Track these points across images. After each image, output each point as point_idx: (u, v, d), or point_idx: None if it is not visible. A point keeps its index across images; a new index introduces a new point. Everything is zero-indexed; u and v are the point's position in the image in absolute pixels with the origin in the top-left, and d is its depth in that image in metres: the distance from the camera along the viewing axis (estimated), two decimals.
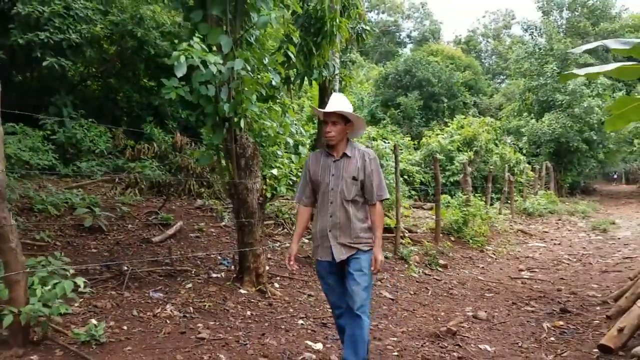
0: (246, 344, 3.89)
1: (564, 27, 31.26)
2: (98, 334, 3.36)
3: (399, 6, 56.10)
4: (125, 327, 3.77)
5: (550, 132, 22.53)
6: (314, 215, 3.45)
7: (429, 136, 20.00)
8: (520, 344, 4.50)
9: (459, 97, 27.72)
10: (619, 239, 11.72)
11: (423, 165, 18.46)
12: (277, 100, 5.38)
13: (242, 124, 4.66)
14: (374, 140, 16.02)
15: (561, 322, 5.11)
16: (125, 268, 5.07)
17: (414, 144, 20.28)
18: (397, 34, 56.54)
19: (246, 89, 4.61)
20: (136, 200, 7.99)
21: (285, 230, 7.98)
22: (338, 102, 3.30)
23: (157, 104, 11.79)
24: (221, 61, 4.23)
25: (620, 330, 3.98)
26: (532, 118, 24.34)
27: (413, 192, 16.56)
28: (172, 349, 3.53)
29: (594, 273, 8.09)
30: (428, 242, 9.12)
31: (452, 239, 10.07)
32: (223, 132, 4.79)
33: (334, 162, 3.33)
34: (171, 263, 5.38)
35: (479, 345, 4.44)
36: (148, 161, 9.34)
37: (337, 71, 8.81)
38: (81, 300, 4.03)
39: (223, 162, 5.18)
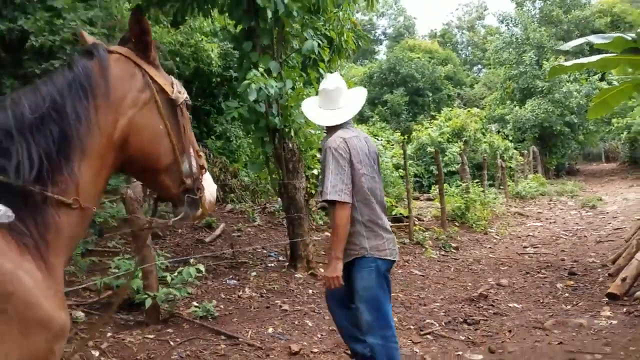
0: (320, 312, 4.73)
1: (537, 16, 32.47)
2: (211, 310, 4.15)
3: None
4: (222, 306, 4.57)
5: (534, 117, 23.62)
6: None
7: (419, 130, 20.91)
8: (541, 301, 5.40)
9: (443, 91, 28.79)
10: (607, 213, 12.71)
11: (415, 159, 19.30)
12: None
13: (291, 133, 5.47)
14: None
15: (571, 282, 6.02)
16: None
17: (404, 139, 21.19)
18: (373, 32, 57.59)
19: (292, 104, 5.42)
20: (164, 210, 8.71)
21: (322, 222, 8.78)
22: (344, 101, 2.94)
23: None
24: (276, 84, 5.03)
25: (624, 279, 4.89)
26: (515, 105, 25.43)
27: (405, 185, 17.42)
28: (266, 318, 4.35)
29: (590, 244, 9.02)
30: (437, 228, 9.97)
31: (457, 224, 10.92)
32: (275, 141, 5.59)
33: None
34: (233, 256, 6.16)
35: (508, 304, 5.32)
36: None
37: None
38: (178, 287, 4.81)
39: (272, 166, 5.98)
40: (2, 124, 1.33)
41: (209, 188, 1.80)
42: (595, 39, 7.48)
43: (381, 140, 16.63)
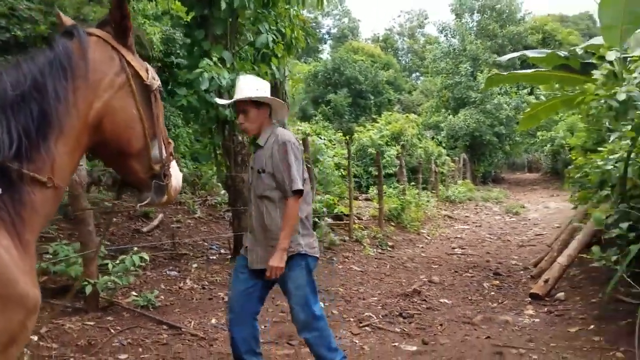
0: (264, 304, 4.76)
1: (475, 29, 33.96)
2: (152, 300, 4.10)
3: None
4: (163, 297, 4.52)
5: (466, 126, 24.72)
6: None
7: (361, 132, 21.33)
8: (469, 298, 5.74)
9: (384, 95, 29.51)
10: (529, 219, 13.59)
11: (355, 159, 19.68)
12: None
13: None
14: (308, 136, 17.04)
15: (497, 282, 6.43)
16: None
17: (346, 140, 21.55)
18: (318, 30, 57.91)
19: None
20: (108, 196, 8.44)
21: None
22: (245, 86, 2.85)
23: None
24: (228, 75, 5.03)
25: (546, 281, 5.30)
26: (449, 114, 26.50)
27: (346, 185, 17.77)
28: (209, 309, 4.36)
29: (512, 248, 9.63)
30: (375, 227, 10.28)
31: (393, 224, 11.29)
32: (224, 133, 5.58)
33: (254, 154, 2.98)
34: (174, 247, 6.07)
35: (439, 300, 5.62)
36: None
37: (287, 73, 9.71)
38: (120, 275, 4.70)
39: (219, 158, 5.96)
40: None
41: (176, 175, 1.83)
42: (530, 54, 8.01)
43: (324, 139, 16.82)
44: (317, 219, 8.41)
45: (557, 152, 24.42)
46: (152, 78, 1.68)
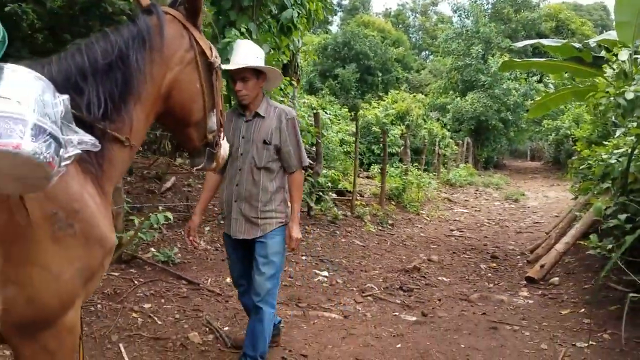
0: None
1: (489, 11, 33.64)
2: (172, 257, 4.35)
3: None
4: (180, 255, 4.76)
5: (472, 110, 24.75)
6: (223, 183, 3.02)
7: (366, 109, 21.38)
8: (467, 277, 6.00)
9: (393, 72, 29.39)
10: (528, 207, 13.82)
11: (359, 136, 19.76)
12: None
13: None
14: (314, 110, 17.12)
15: (494, 264, 6.68)
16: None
17: (351, 116, 21.61)
18: (329, 1, 57.07)
19: None
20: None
21: None
22: (246, 53, 2.77)
23: None
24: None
25: (542, 266, 5.55)
26: (456, 96, 26.47)
27: (350, 161, 17.93)
28: (223, 269, 4.61)
29: (510, 233, 9.88)
30: (376, 205, 10.51)
31: (393, 203, 11.52)
32: None
33: (245, 123, 2.86)
34: (187, 210, 6.30)
35: (438, 278, 5.88)
36: None
37: (300, 45, 9.79)
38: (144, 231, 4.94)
39: None
40: (79, 67, 1.50)
41: (224, 145, 2.04)
42: (545, 42, 8.11)
43: (329, 113, 16.92)
44: (321, 193, 8.63)
45: (561, 142, 24.50)
46: (215, 57, 1.86)
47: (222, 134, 2.00)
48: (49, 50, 12.66)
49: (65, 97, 1.28)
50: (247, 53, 2.76)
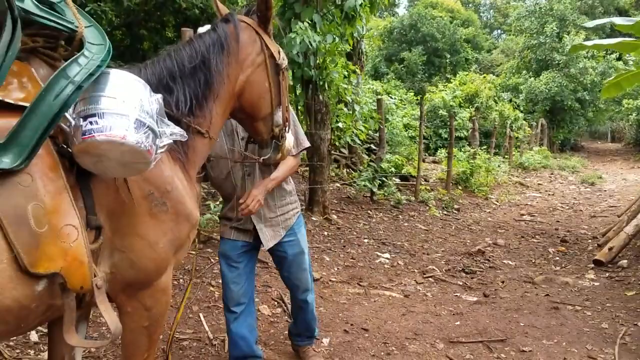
0: (335, 251, 5.31)
1: None
2: None
3: None
4: None
5: (547, 90, 23.71)
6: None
7: (433, 92, 21.08)
8: (533, 261, 5.98)
9: (462, 53, 28.66)
10: (605, 191, 13.22)
11: (425, 120, 19.56)
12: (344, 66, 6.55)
13: (325, 85, 5.87)
14: (378, 95, 17.13)
15: (563, 248, 6.59)
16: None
17: (417, 100, 21.38)
18: None
19: (329, 58, 5.79)
20: None
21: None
22: None
23: None
24: (318, 37, 5.39)
25: (610, 249, 5.44)
26: (530, 76, 25.43)
27: (414, 146, 17.82)
28: None
29: (584, 218, 9.57)
30: (441, 189, 10.50)
31: (460, 187, 11.44)
32: (307, 93, 6.00)
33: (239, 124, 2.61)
34: None
35: (503, 261, 5.91)
36: None
37: (364, 32, 9.89)
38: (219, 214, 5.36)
39: (300, 116, 6.40)
40: (169, 70, 1.80)
41: (289, 138, 2.28)
42: (618, 21, 7.74)
43: (394, 98, 16.88)
44: (384, 178, 8.78)
45: None
46: (282, 59, 2.10)
47: (287, 128, 2.25)
48: (127, 46, 13.54)
49: (159, 96, 1.56)
50: None
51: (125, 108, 1.41)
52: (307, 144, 2.77)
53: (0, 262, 1.29)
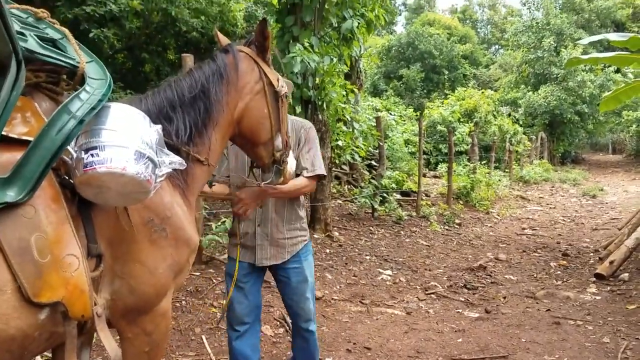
0: (338, 268, 5.33)
1: (560, 2, 32.22)
2: None
3: None
4: None
5: (546, 104, 23.86)
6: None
7: (431, 108, 21.22)
8: (535, 275, 5.98)
9: (459, 70, 28.90)
10: (606, 203, 13.23)
11: (425, 136, 19.63)
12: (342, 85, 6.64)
13: (324, 105, 5.94)
14: (378, 111, 17.24)
15: (564, 262, 6.59)
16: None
17: (416, 116, 21.50)
18: (392, 1, 56.75)
19: (327, 79, 5.88)
20: None
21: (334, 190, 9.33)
22: None
23: None
24: (317, 58, 5.48)
25: (612, 262, 5.45)
26: (528, 90, 25.60)
27: (415, 162, 17.88)
28: None
29: (585, 230, 9.57)
30: (442, 204, 10.53)
31: (461, 202, 11.47)
32: (307, 113, 6.07)
33: None
34: None
35: (504, 276, 5.91)
36: None
37: (362, 51, 10.01)
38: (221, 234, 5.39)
39: None
40: (169, 100, 1.86)
41: (290, 162, 2.33)
42: (612, 37, 7.86)
43: (394, 115, 17.00)
44: (385, 194, 8.81)
45: None
46: (281, 86, 2.16)
47: (288, 152, 2.30)
48: (129, 69, 13.67)
49: (159, 126, 1.62)
50: None
51: (126, 140, 1.46)
52: (321, 171, 2.66)
53: (4, 292, 1.33)
